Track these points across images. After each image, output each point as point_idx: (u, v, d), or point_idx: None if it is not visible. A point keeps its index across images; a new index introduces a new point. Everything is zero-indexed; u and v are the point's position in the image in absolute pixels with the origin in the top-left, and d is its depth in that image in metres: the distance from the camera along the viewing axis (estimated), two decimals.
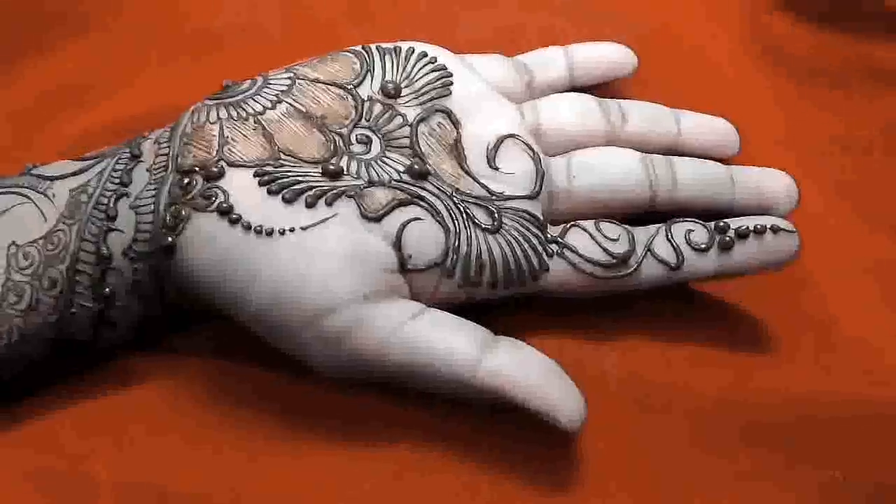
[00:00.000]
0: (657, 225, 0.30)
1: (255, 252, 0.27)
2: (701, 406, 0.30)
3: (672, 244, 0.30)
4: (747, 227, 0.29)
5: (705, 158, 0.33)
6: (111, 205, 0.29)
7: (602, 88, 0.36)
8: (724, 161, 0.33)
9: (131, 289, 0.29)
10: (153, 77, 0.38)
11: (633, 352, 0.31)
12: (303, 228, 0.27)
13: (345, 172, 0.29)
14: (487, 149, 0.31)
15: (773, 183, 0.32)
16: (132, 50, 0.39)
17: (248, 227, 0.27)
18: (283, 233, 0.27)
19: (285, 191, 0.28)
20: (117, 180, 0.29)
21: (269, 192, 0.28)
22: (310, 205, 0.28)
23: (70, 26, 0.39)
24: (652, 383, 0.30)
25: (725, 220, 0.30)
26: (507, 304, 0.30)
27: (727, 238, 0.29)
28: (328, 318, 0.27)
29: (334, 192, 0.28)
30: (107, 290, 0.29)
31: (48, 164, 0.31)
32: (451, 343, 0.27)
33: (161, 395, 0.30)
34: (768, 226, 0.29)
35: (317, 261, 0.27)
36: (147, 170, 0.29)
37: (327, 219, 0.28)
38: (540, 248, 0.29)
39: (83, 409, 0.30)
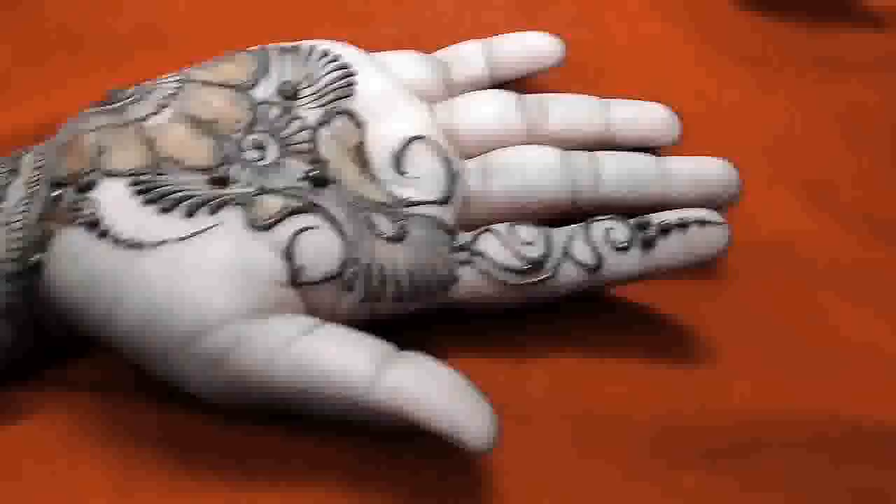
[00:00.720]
0: (576, 225, 0.28)
1: (123, 268, 0.25)
2: (637, 431, 0.27)
3: (591, 245, 0.27)
4: (670, 222, 0.27)
5: (642, 149, 0.31)
6: None
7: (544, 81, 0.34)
8: (664, 151, 0.31)
9: (4, 313, 0.27)
10: (56, 85, 0.36)
11: (560, 369, 0.29)
12: (179, 240, 0.25)
13: (235, 180, 0.27)
14: (394, 152, 0.29)
15: (710, 173, 0.30)
16: (40, 55, 0.37)
17: (116, 241, 0.25)
18: (154, 246, 0.25)
19: (162, 200, 0.25)
20: None
21: (145, 203, 0.25)
22: (188, 214, 0.25)
23: None
24: (581, 404, 0.28)
25: (648, 215, 0.28)
26: (421, 320, 0.28)
27: (649, 234, 0.27)
28: (204, 338, 0.24)
29: (219, 200, 0.26)
30: None
31: None
32: (345, 360, 0.24)
33: (47, 429, 0.27)
34: (692, 219, 0.27)
35: (192, 275, 0.25)
36: (24, 184, 0.27)
37: (208, 229, 0.25)
38: (448, 257, 0.27)
39: None
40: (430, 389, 0.24)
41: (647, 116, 0.32)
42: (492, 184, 0.29)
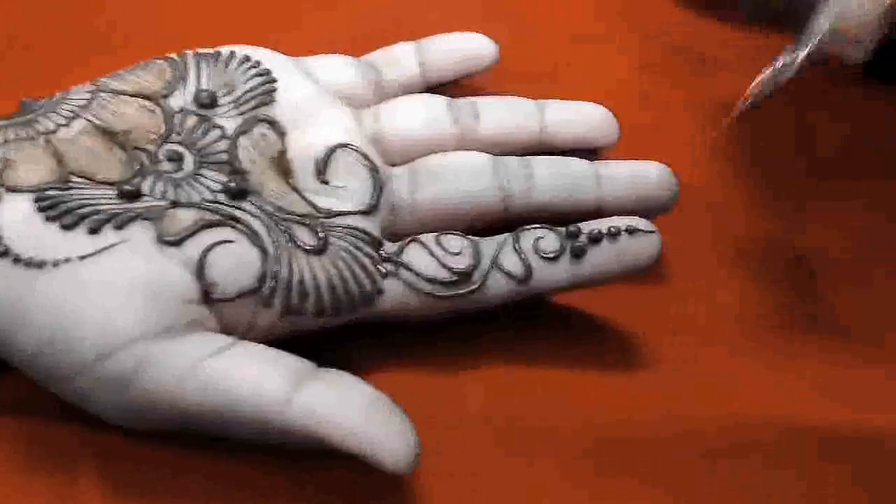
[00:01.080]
0: (505, 234, 0.27)
1: (24, 288, 0.23)
2: (579, 444, 0.26)
3: (519, 255, 0.26)
4: (600, 231, 0.27)
5: (578, 151, 0.30)
6: None
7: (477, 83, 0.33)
8: (600, 153, 0.30)
9: None
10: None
11: (498, 382, 0.28)
12: (80, 258, 0.24)
13: (146, 193, 0.26)
14: (316, 161, 0.28)
15: (648, 177, 0.29)
16: None
17: (16, 260, 0.24)
18: (56, 264, 0.24)
19: (65, 216, 0.24)
20: None
21: (47, 219, 0.24)
22: (93, 230, 0.24)
23: None
24: (520, 419, 0.27)
25: (578, 224, 0.27)
26: (348, 334, 0.27)
27: (579, 243, 0.26)
28: (108, 360, 0.23)
29: (126, 215, 0.25)
30: None
31: None
32: (257, 379, 0.23)
33: None
34: (623, 227, 0.27)
35: (94, 295, 0.23)
36: None
37: (113, 246, 0.24)
38: (371, 268, 0.26)
39: None
40: (346, 408, 0.23)
41: (584, 117, 0.31)
42: (420, 191, 0.28)
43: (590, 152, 0.31)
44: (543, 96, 0.31)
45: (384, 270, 0.26)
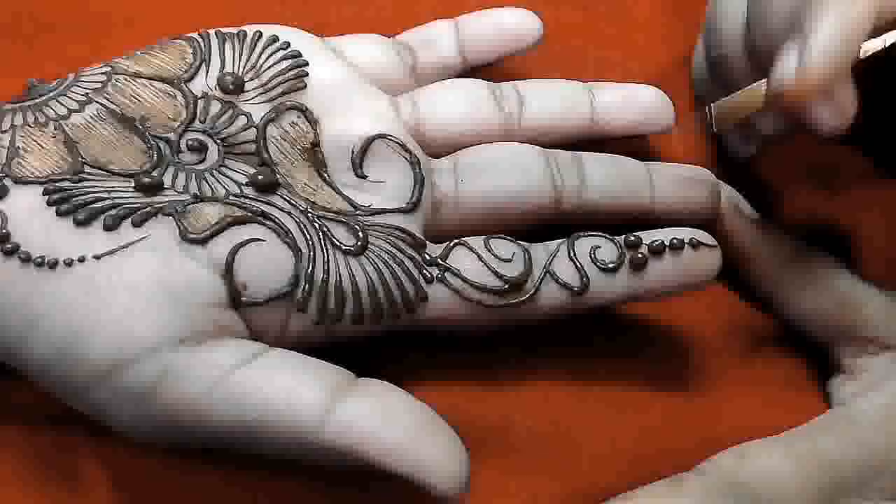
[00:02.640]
0: (558, 241, 0.25)
1: (35, 290, 0.21)
2: (627, 460, 0.25)
3: (575, 264, 0.24)
4: (662, 242, 0.25)
5: (632, 138, 0.28)
6: None
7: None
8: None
9: None
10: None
11: (545, 396, 0.26)
12: (96, 257, 0.22)
13: (167, 186, 0.23)
14: (352, 152, 0.25)
15: (696, 183, 0.27)
16: None
17: (27, 259, 0.22)
18: (69, 264, 0.21)
19: (79, 211, 0.22)
20: None
21: (59, 214, 0.22)
22: (109, 227, 0.22)
23: None
24: (568, 435, 0.25)
25: (637, 233, 0.25)
26: (387, 342, 0.25)
27: (639, 255, 0.25)
28: (127, 370, 0.21)
29: (145, 210, 0.22)
30: None
31: None
32: (292, 391, 0.21)
33: None
34: (686, 240, 0.25)
35: (111, 298, 0.21)
36: None
37: (132, 243, 0.22)
38: (416, 273, 0.24)
39: None
40: (390, 424, 0.21)
41: (638, 101, 0.28)
42: (465, 186, 0.26)
43: (641, 137, 0.29)
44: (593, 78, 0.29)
45: (429, 275, 0.24)
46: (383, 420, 0.21)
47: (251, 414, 0.21)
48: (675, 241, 0.25)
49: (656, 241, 0.25)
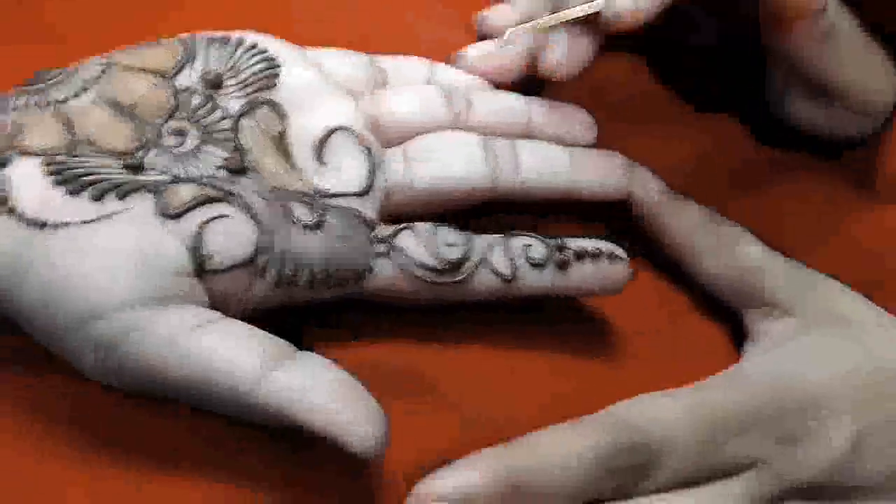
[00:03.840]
0: (496, 236, 0.28)
1: (27, 246, 0.24)
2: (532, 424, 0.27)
3: (509, 256, 0.28)
4: (585, 249, 0.28)
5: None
6: None
7: None
8: None
9: None
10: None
11: (471, 369, 0.29)
12: (82, 223, 0.25)
13: (150, 167, 0.27)
14: (315, 142, 0.29)
15: (610, 164, 0.31)
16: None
17: (21, 218, 0.25)
18: (57, 226, 0.25)
19: (72, 182, 0.25)
20: None
21: (55, 183, 0.25)
22: (96, 198, 0.25)
23: None
24: (488, 407, 0.28)
25: (563, 238, 0.29)
26: (336, 308, 0.28)
27: (563, 256, 0.28)
28: (98, 322, 0.24)
29: (129, 185, 0.26)
30: None
31: None
32: (233, 356, 0.24)
33: None
34: (604, 250, 0.28)
35: (91, 259, 0.24)
36: None
37: (115, 214, 0.25)
38: (365, 248, 0.27)
39: None
40: (315, 390, 0.24)
41: (568, 117, 0.32)
42: (413, 170, 0.29)
43: None
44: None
45: (377, 251, 0.27)
46: (309, 386, 0.24)
47: (197, 372, 0.24)
48: (595, 249, 0.28)
49: (580, 247, 0.28)
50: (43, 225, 0.25)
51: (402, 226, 0.28)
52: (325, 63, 0.31)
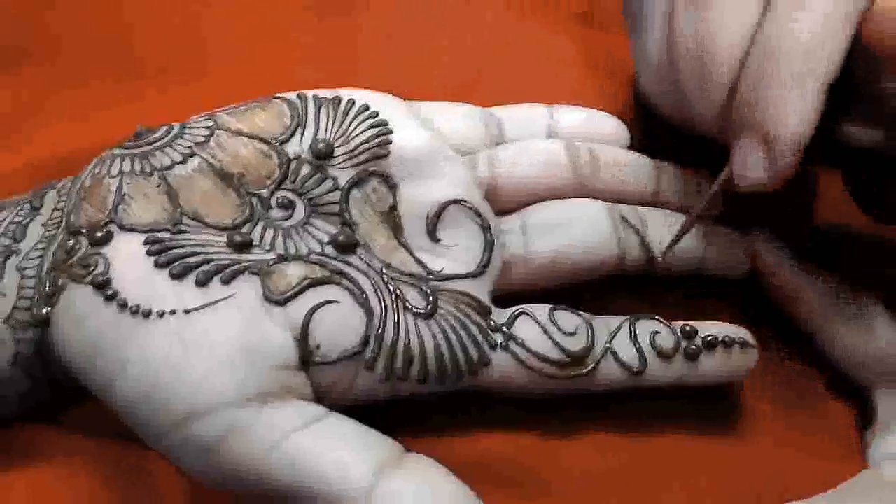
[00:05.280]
0: (618, 318, 0.26)
1: (127, 336, 0.23)
2: None
3: (636, 346, 0.26)
4: (716, 337, 0.26)
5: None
6: None
7: None
8: None
9: (14, 360, 0.26)
10: (89, 113, 0.34)
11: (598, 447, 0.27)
12: (186, 312, 0.23)
13: (256, 243, 0.25)
14: (428, 218, 0.27)
15: (734, 243, 0.29)
16: (67, 84, 0.35)
17: (123, 306, 0.23)
18: (161, 315, 0.23)
19: (175, 264, 0.24)
20: (10, 235, 0.26)
21: (157, 265, 0.24)
22: (201, 283, 0.24)
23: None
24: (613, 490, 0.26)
25: (691, 323, 0.26)
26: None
27: (693, 347, 0.26)
28: (198, 422, 0.23)
29: (234, 268, 0.24)
30: None
31: None
32: (343, 462, 0.22)
33: (54, 475, 0.26)
34: (737, 339, 0.26)
35: (195, 352, 0.23)
36: (43, 225, 0.26)
37: (219, 301, 0.24)
38: (480, 338, 0.25)
39: None
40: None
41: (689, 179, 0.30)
42: (533, 244, 0.27)
43: None
44: None
45: (494, 341, 0.25)
46: (422, 500, 0.22)
47: (304, 479, 0.22)
48: (727, 338, 0.26)
49: (710, 335, 0.26)
50: (146, 314, 0.23)
51: (516, 310, 0.26)
52: (437, 120, 0.29)
